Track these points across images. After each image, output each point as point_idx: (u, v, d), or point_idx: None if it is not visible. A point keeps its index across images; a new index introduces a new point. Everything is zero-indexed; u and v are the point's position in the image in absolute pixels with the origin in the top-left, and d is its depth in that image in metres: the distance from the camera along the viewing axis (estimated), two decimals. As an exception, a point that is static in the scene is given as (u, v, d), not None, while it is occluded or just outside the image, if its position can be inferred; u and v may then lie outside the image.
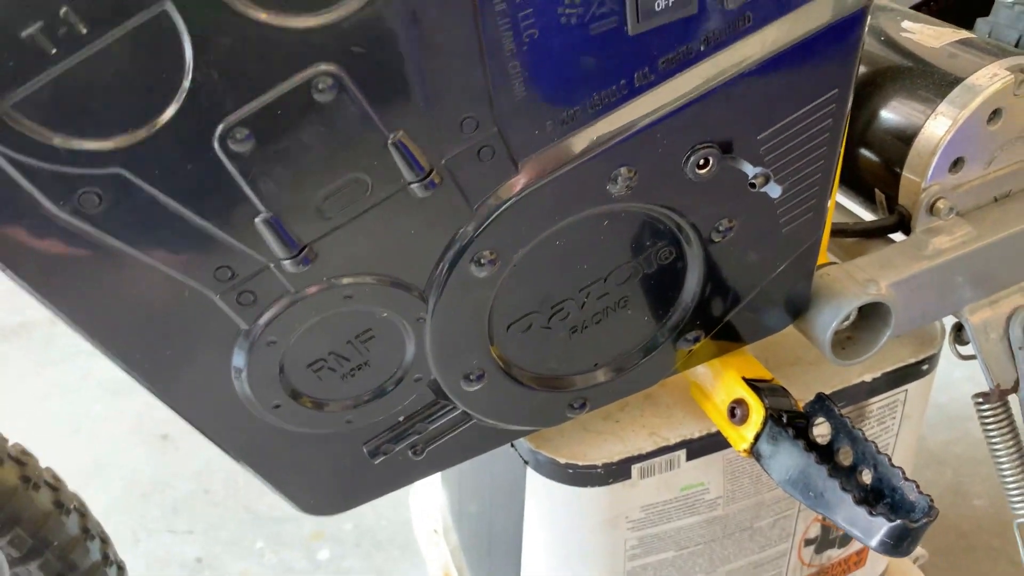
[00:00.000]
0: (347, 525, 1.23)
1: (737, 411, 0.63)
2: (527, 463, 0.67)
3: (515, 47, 0.43)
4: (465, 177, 0.47)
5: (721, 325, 0.61)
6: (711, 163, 0.51)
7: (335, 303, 0.49)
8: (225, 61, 0.38)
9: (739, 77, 0.48)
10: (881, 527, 0.53)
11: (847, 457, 0.59)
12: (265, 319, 0.48)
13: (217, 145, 0.41)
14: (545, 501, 0.69)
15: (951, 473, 1.29)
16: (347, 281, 0.48)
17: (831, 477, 0.56)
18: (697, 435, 0.67)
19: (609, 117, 0.48)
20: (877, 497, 0.56)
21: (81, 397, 1.50)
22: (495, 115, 0.45)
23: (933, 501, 0.54)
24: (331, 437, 0.56)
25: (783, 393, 0.64)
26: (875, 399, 0.73)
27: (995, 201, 0.69)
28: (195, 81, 0.38)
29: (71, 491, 0.68)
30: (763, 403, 0.62)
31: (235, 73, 0.39)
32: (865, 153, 0.71)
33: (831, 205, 0.61)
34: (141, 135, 0.39)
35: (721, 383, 0.65)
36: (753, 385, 0.63)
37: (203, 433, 0.53)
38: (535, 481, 0.68)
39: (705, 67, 0.48)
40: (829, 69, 0.51)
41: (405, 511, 1.23)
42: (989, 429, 0.72)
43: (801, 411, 0.63)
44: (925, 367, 0.74)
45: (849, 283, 0.63)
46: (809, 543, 0.80)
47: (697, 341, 0.61)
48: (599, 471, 0.65)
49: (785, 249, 0.59)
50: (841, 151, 0.57)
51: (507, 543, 0.77)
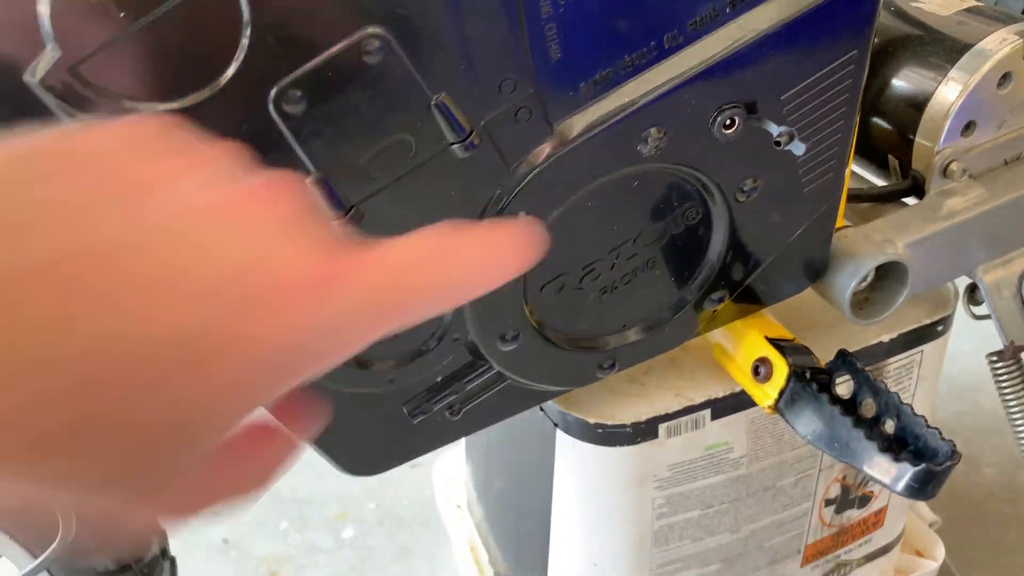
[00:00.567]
0: (370, 505, 1.25)
1: (761, 369, 0.65)
2: (556, 425, 0.69)
3: (552, 10, 0.45)
4: (503, 138, 0.49)
5: (744, 286, 0.63)
6: (737, 123, 0.53)
7: (379, 263, 0.51)
8: (280, 24, 0.40)
9: (764, 39, 0.50)
10: (907, 472, 0.55)
11: (870, 409, 0.61)
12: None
13: (272, 106, 0.42)
14: (575, 463, 0.71)
15: (962, 443, 1.30)
16: (391, 241, 0.50)
17: (855, 428, 0.58)
18: (721, 395, 0.69)
19: (640, 79, 0.50)
20: (901, 445, 0.58)
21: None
22: (532, 77, 0.47)
23: (955, 446, 0.56)
24: (373, 397, 0.58)
25: (805, 351, 0.66)
26: (892, 359, 0.75)
27: (1005, 164, 0.71)
28: (252, 44, 0.40)
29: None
30: (786, 360, 0.64)
31: (289, 36, 0.41)
32: (878, 121, 0.73)
33: (847, 171, 0.63)
34: (200, 97, 0.41)
35: (744, 343, 0.67)
36: (776, 344, 0.65)
37: (251, 394, 0.55)
38: (564, 443, 0.70)
39: (731, 29, 0.50)
40: (848, 31, 0.53)
41: (425, 490, 1.26)
42: (1004, 386, 0.75)
43: (823, 367, 0.65)
44: (940, 328, 0.76)
45: (867, 244, 0.65)
46: (829, 503, 0.82)
47: (721, 301, 0.63)
48: (628, 430, 0.67)
49: (806, 209, 0.61)
50: (858, 115, 0.59)
51: (536, 509, 0.79)
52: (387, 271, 0.26)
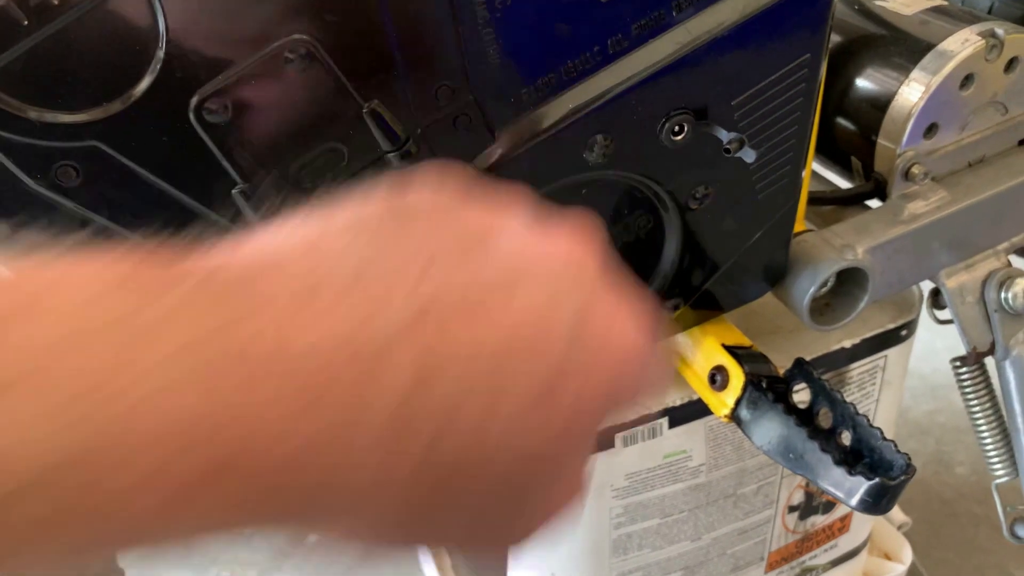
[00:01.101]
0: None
1: (717, 377, 0.64)
2: (512, 435, 0.68)
3: (488, 14, 0.44)
4: (441, 146, 0.47)
5: (700, 292, 0.62)
6: (686, 129, 0.51)
7: (315, 275, 0.49)
8: (198, 33, 0.39)
9: (712, 43, 0.49)
10: (860, 486, 0.54)
11: (827, 420, 0.60)
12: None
13: (193, 116, 0.41)
14: (531, 472, 0.69)
15: (934, 442, 1.30)
16: (327, 253, 0.49)
17: (811, 439, 0.57)
18: (679, 402, 0.67)
19: (584, 85, 0.48)
20: (856, 458, 0.57)
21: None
22: (470, 84, 0.45)
23: (911, 459, 0.54)
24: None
25: (762, 359, 0.64)
26: (855, 365, 0.74)
27: (969, 166, 0.70)
28: (169, 52, 0.39)
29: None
30: (743, 369, 0.62)
31: (208, 44, 0.39)
32: (841, 121, 0.71)
33: (807, 173, 0.62)
34: (116, 107, 0.39)
35: (701, 350, 0.66)
36: (733, 352, 0.64)
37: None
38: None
39: (678, 33, 0.48)
40: (800, 34, 0.51)
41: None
42: (967, 391, 0.74)
43: (781, 376, 0.64)
44: (904, 332, 0.75)
45: (826, 249, 0.64)
46: (793, 509, 0.81)
47: (677, 309, 0.62)
48: (583, 440, 0.66)
49: (761, 215, 0.59)
50: (816, 118, 0.57)
51: (495, 517, 0.78)
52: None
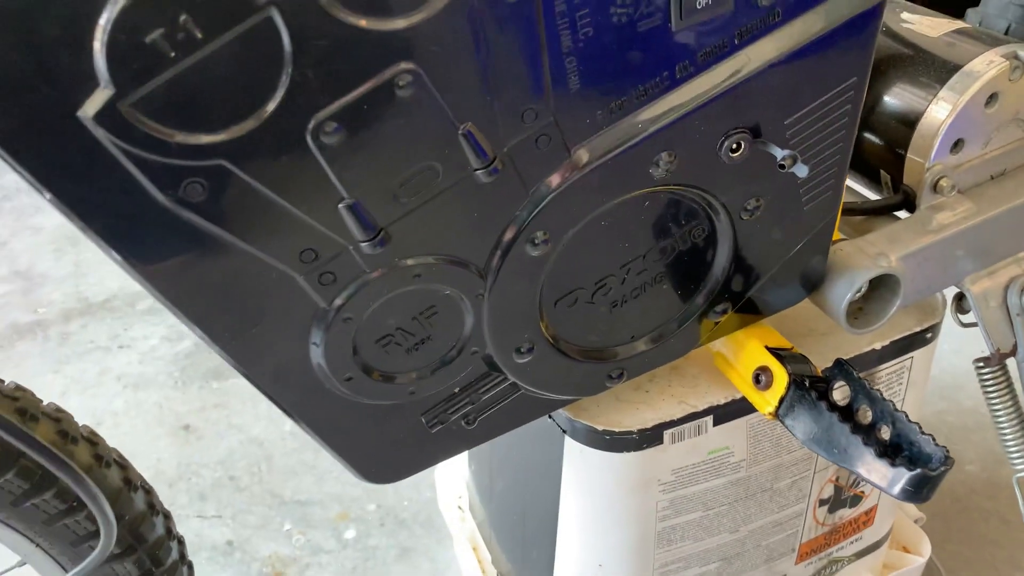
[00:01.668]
0: (370, 506, 1.27)
1: (762, 377, 0.68)
2: (565, 432, 0.72)
3: (572, 44, 0.48)
4: (523, 163, 0.51)
5: (746, 298, 0.66)
6: (743, 147, 0.55)
7: (405, 281, 0.53)
8: (320, 61, 0.43)
9: (769, 67, 0.53)
10: (902, 476, 0.58)
11: (866, 416, 0.64)
12: (342, 298, 0.52)
13: (309, 137, 0.45)
14: (582, 467, 0.73)
15: (944, 441, 1.34)
16: (416, 261, 0.53)
17: (853, 434, 0.62)
18: (723, 402, 0.72)
19: (652, 106, 0.52)
20: (896, 451, 0.61)
21: (101, 392, 1.53)
22: (552, 106, 0.49)
23: (949, 452, 0.59)
24: (394, 408, 0.60)
25: (803, 360, 0.68)
26: (884, 366, 0.78)
27: (992, 179, 0.75)
28: (292, 80, 0.43)
29: (136, 470, 0.72)
30: (786, 369, 0.66)
31: (328, 72, 0.43)
32: (870, 137, 0.76)
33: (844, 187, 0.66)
34: (243, 130, 0.43)
35: (745, 352, 0.70)
36: (776, 353, 0.68)
37: (277, 404, 0.57)
38: (573, 449, 0.72)
39: (738, 59, 0.53)
40: (848, 59, 0.56)
41: (426, 491, 1.28)
42: (989, 391, 0.78)
43: (821, 375, 0.68)
44: (929, 335, 0.79)
45: (861, 257, 0.68)
46: (823, 503, 0.85)
47: (724, 313, 0.66)
48: (634, 437, 0.70)
49: (805, 226, 0.64)
50: (855, 135, 0.61)
51: (542, 512, 0.82)
52: None
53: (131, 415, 1.48)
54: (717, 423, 0.72)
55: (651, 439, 0.70)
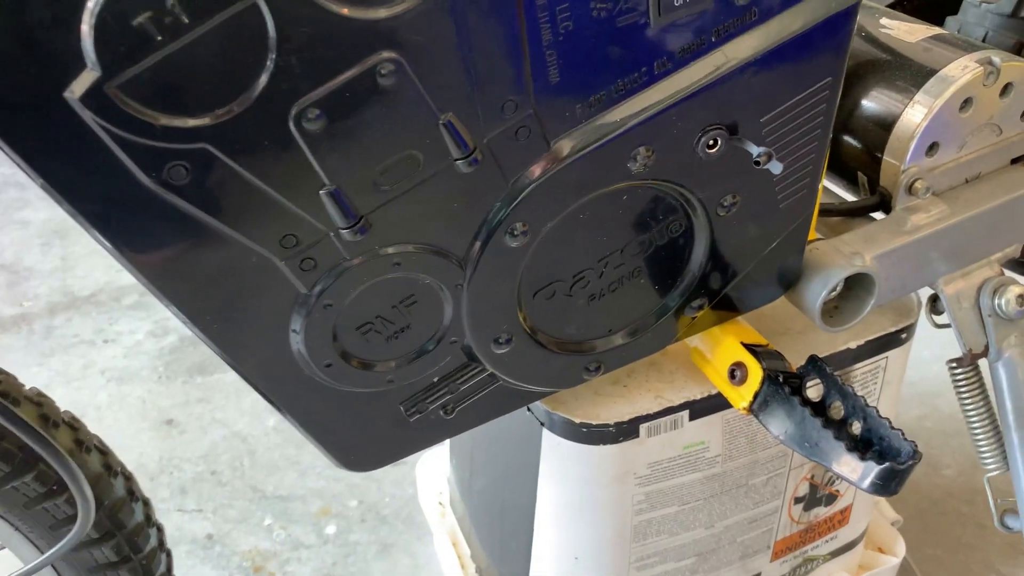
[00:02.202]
0: (352, 502, 1.27)
1: (737, 373, 0.69)
2: (543, 424, 0.73)
3: (552, 38, 0.49)
4: (503, 155, 0.52)
5: (722, 294, 0.67)
6: (719, 143, 0.57)
7: (385, 269, 0.54)
8: (303, 48, 0.44)
9: (745, 66, 0.54)
10: (872, 470, 0.59)
11: (838, 411, 0.65)
12: (322, 284, 0.53)
13: (292, 123, 0.46)
14: (559, 460, 0.74)
15: (922, 446, 1.37)
16: (396, 249, 0.53)
17: (825, 428, 0.63)
18: (699, 396, 0.73)
19: (631, 101, 0.54)
20: (867, 445, 0.62)
21: (84, 385, 1.53)
22: (532, 99, 0.50)
23: (917, 446, 0.60)
24: (373, 396, 0.61)
25: (778, 356, 0.70)
26: (859, 365, 0.79)
27: (967, 182, 0.76)
28: (276, 66, 0.44)
29: (117, 457, 0.73)
30: (761, 365, 0.68)
31: (311, 59, 0.44)
32: (848, 139, 0.77)
33: (820, 186, 0.67)
34: (227, 114, 0.44)
35: (721, 348, 0.71)
36: (751, 349, 0.69)
37: (257, 389, 0.58)
38: (550, 441, 0.73)
39: (716, 56, 0.54)
40: (824, 59, 0.57)
41: (407, 487, 1.29)
42: (961, 391, 0.79)
43: (795, 372, 0.69)
44: (904, 335, 0.80)
45: (837, 256, 0.69)
46: (798, 501, 0.86)
47: (701, 309, 0.67)
48: (611, 430, 0.71)
49: (781, 223, 0.65)
50: (831, 135, 0.63)
51: (520, 505, 0.83)
52: None
53: (114, 409, 1.48)
54: (693, 418, 0.73)
55: (627, 432, 0.71)
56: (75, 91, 0.41)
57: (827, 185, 0.83)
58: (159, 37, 0.41)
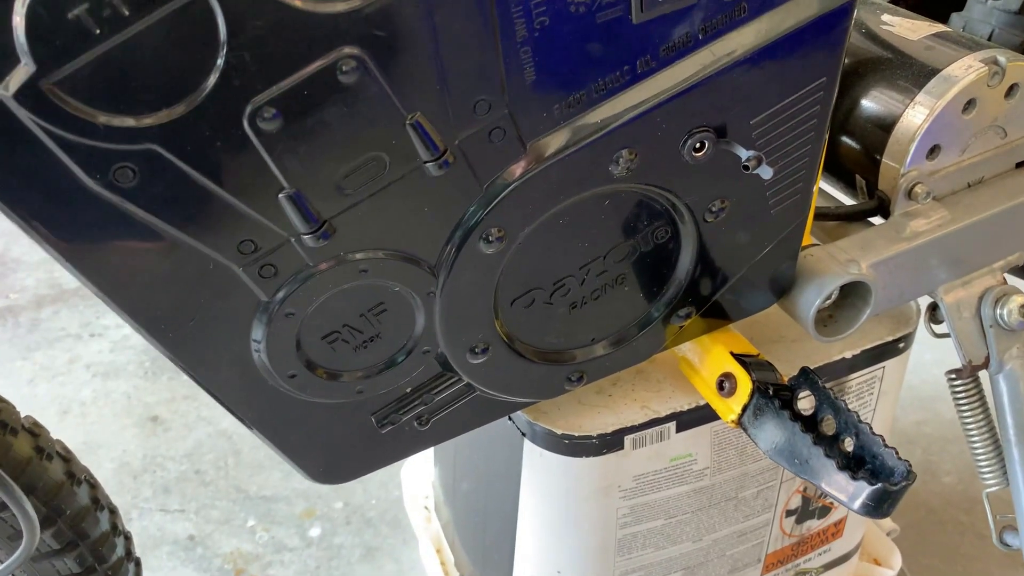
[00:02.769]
0: (337, 504, 1.25)
1: (725, 384, 0.66)
2: (524, 435, 0.70)
3: (527, 34, 0.46)
4: (476, 157, 0.49)
5: (711, 303, 0.64)
6: (707, 146, 0.54)
7: (351, 276, 0.51)
8: (257, 43, 0.41)
9: (734, 65, 0.51)
10: (863, 491, 0.56)
11: (830, 427, 0.62)
12: (284, 291, 0.50)
13: (246, 123, 0.43)
14: (541, 472, 0.71)
15: (921, 452, 1.34)
16: (363, 256, 0.51)
17: (815, 445, 0.60)
18: (686, 408, 0.70)
19: (612, 101, 0.51)
20: (859, 463, 0.59)
21: (69, 380, 1.51)
22: (506, 98, 0.47)
23: (911, 466, 0.57)
24: (342, 407, 0.58)
25: (769, 367, 0.67)
26: (855, 375, 0.77)
27: (969, 187, 0.73)
28: (228, 63, 0.41)
29: (81, 464, 0.70)
30: (750, 376, 0.65)
31: (265, 55, 0.41)
32: (846, 141, 0.74)
33: (815, 190, 0.65)
34: (174, 113, 0.41)
35: (710, 358, 0.68)
36: (740, 359, 0.66)
37: (220, 401, 0.55)
38: (532, 453, 0.71)
39: (702, 55, 0.51)
40: (817, 58, 0.54)
41: (394, 490, 1.26)
42: (961, 403, 0.76)
43: (786, 384, 0.66)
44: (902, 345, 0.77)
45: (832, 263, 0.66)
46: (790, 514, 0.83)
47: (688, 317, 0.64)
48: (594, 441, 0.68)
49: (773, 230, 0.62)
50: (826, 137, 0.60)
51: (502, 516, 0.80)
52: None
53: (99, 404, 1.45)
54: (680, 429, 0.71)
55: (612, 444, 0.69)
56: (8, 87, 0.38)
57: (824, 188, 0.80)
58: (98, 31, 0.38)
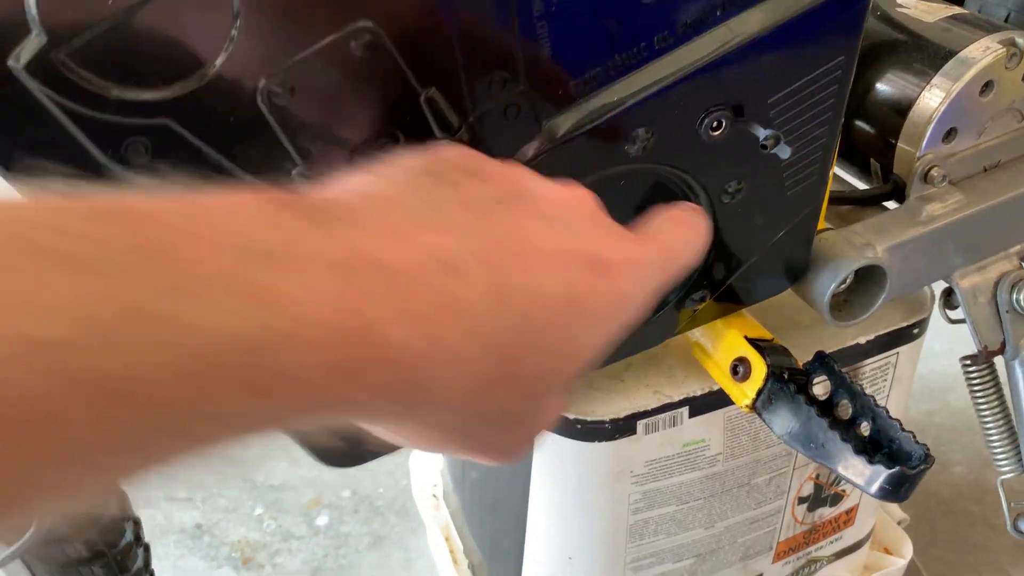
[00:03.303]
0: (345, 492, 1.25)
1: (740, 368, 0.65)
2: (536, 420, 0.70)
3: (544, 7, 0.45)
4: (491, 135, 0.49)
5: (725, 286, 0.64)
6: (724, 125, 0.53)
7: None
8: (271, 16, 0.40)
9: (752, 42, 0.50)
10: (880, 474, 0.56)
11: (846, 411, 0.62)
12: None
13: (260, 97, 0.42)
14: (553, 457, 0.71)
15: (932, 442, 1.33)
16: (376, 235, 0.50)
17: (831, 429, 0.59)
18: (699, 392, 0.69)
19: (629, 79, 0.50)
20: (875, 447, 0.59)
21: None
22: (522, 75, 0.47)
23: (929, 450, 0.56)
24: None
25: (784, 352, 0.66)
26: (868, 361, 0.76)
27: (985, 171, 0.72)
28: (242, 35, 0.40)
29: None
30: (765, 360, 0.64)
31: (280, 27, 0.41)
32: (861, 124, 0.73)
33: (831, 173, 0.64)
34: (189, 86, 0.41)
35: (724, 342, 0.67)
36: (755, 344, 0.66)
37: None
38: (543, 438, 0.70)
39: (721, 32, 0.50)
40: (836, 38, 0.53)
41: (402, 478, 1.26)
42: (975, 390, 0.76)
43: (801, 368, 0.65)
44: (916, 331, 0.77)
45: (847, 247, 0.66)
46: (802, 501, 0.83)
47: (703, 301, 0.64)
48: (606, 426, 0.67)
49: (788, 212, 0.61)
50: (842, 119, 0.59)
51: (512, 502, 0.80)
52: (659, 250, 0.36)
53: (106, 394, 1.45)
54: (693, 415, 0.70)
55: (624, 429, 0.68)
56: (20, 59, 0.38)
57: (838, 172, 0.79)
58: (110, 0, 0.38)
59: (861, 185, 0.77)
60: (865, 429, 0.60)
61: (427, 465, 1.14)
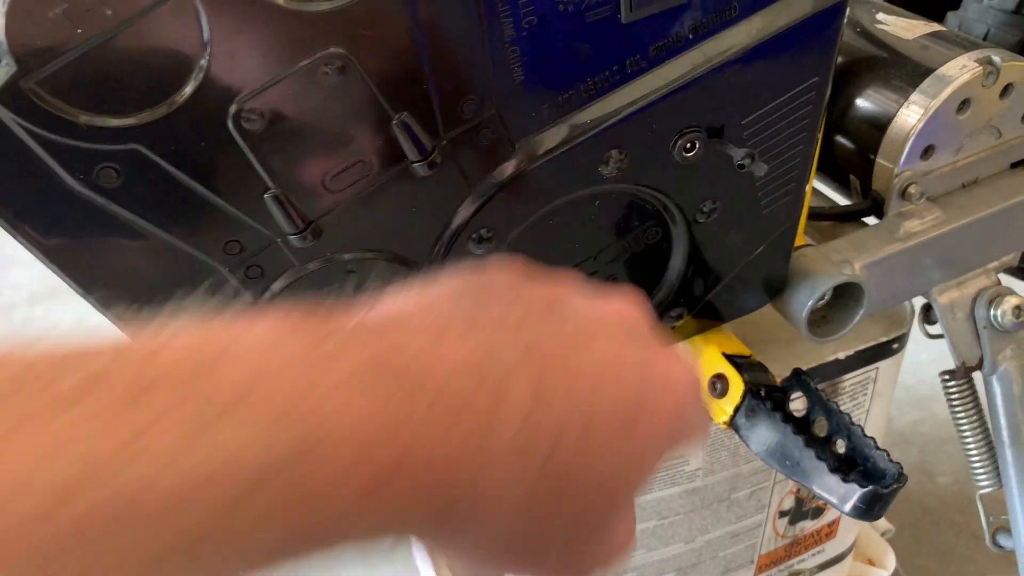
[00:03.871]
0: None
1: (718, 385, 0.66)
2: (516, 436, 0.70)
3: (515, 33, 0.45)
4: (465, 157, 0.49)
5: (703, 303, 0.64)
6: (697, 147, 0.53)
7: (338, 278, 0.51)
8: (241, 42, 0.40)
9: (725, 65, 0.51)
10: (854, 493, 0.56)
11: (822, 428, 0.62)
12: (271, 293, 0.50)
13: (231, 123, 0.42)
14: (532, 473, 0.71)
15: (917, 452, 1.33)
16: (350, 256, 0.50)
17: (807, 447, 0.59)
18: (679, 409, 0.69)
19: (602, 102, 0.50)
20: (850, 465, 0.59)
21: (63, 378, 1.50)
22: (494, 98, 0.47)
23: (903, 469, 0.57)
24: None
25: (761, 368, 0.66)
26: (848, 376, 0.76)
27: (963, 187, 0.73)
28: (211, 62, 0.40)
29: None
30: (742, 377, 0.64)
31: (250, 55, 0.41)
32: (840, 140, 0.74)
33: (808, 190, 0.64)
34: (161, 112, 0.41)
35: (702, 358, 0.68)
36: (733, 360, 0.66)
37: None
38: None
39: (693, 55, 0.50)
40: (810, 58, 0.53)
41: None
42: (955, 404, 0.76)
43: (778, 385, 0.66)
44: (895, 346, 0.77)
45: (825, 264, 0.66)
46: (783, 514, 0.83)
47: (680, 318, 0.64)
48: (585, 443, 0.68)
49: (765, 230, 0.61)
50: (819, 137, 0.59)
51: (494, 515, 0.80)
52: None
53: (94, 403, 1.45)
54: (672, 431, 0.70)
55: (603, 446, 0.68)
56: (-11, 87, 0.38)
57: (818, 187, 0.80)
58: (79, 30, 0.38)
59: (842, 200, 0.77)
60: (840, 447, 0.60)
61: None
